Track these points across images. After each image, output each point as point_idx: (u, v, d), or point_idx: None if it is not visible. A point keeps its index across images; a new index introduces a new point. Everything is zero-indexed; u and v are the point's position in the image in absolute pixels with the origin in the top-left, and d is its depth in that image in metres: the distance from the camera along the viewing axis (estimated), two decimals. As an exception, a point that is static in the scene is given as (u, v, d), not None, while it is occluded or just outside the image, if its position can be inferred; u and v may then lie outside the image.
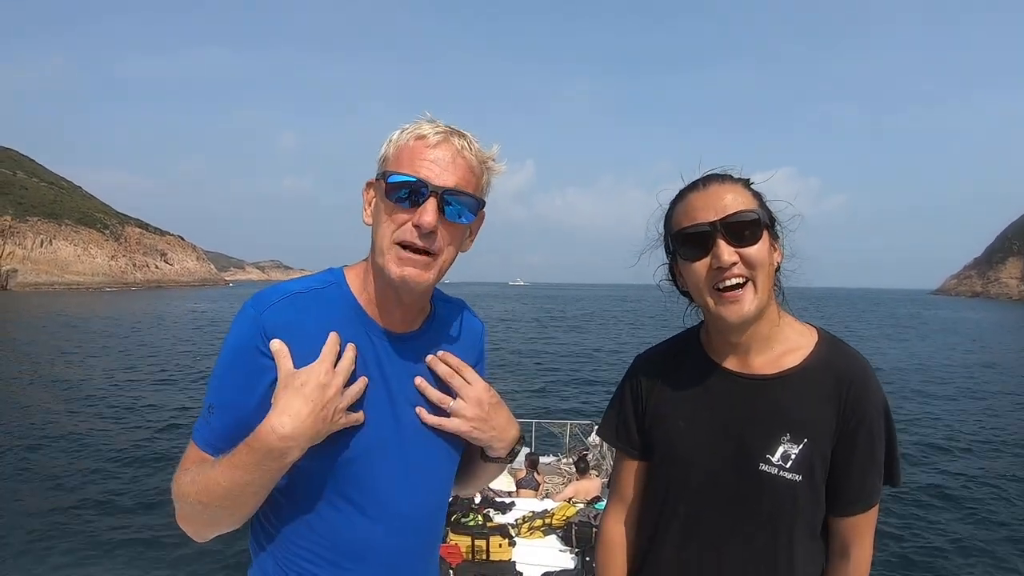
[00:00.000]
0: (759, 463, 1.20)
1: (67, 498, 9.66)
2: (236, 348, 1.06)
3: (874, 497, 1.23)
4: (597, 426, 10.12)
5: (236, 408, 1.05)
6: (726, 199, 1.19)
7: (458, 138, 1.09)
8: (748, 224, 1.17)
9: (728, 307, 1.18)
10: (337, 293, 1.12)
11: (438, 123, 1.10)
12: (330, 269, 1.18)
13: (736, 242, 1.17)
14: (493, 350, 31.09)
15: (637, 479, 1.40)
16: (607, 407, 1.47)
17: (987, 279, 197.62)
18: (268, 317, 1.05)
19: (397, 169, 1.06)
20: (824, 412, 1.20)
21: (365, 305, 1.13)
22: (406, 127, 1.10)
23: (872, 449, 1.21)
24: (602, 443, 9.45)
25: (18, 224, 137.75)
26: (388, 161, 1.09)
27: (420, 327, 1.18)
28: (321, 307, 1.09)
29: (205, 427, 1.08)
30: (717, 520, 1.25)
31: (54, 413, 15.36)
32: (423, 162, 1.06)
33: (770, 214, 1.23)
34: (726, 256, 1.16)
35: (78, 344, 30.38)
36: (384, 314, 1.13)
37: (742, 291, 1.18)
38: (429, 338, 1.19)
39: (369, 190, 1.14)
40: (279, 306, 1.06)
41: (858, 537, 1.24)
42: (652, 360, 1.41)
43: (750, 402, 1.24)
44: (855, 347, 1.30)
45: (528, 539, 5.62)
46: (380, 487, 1.12)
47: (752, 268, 1.17)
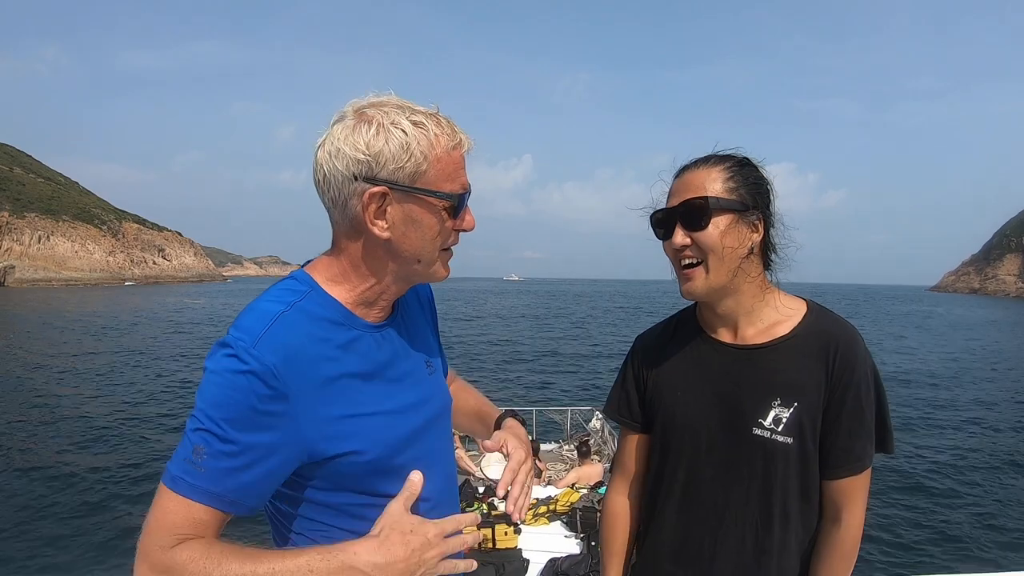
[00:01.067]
0: (752, 427, 1.26)
1: (64, 493, 9.62)
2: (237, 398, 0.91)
3: (864, 461, 1.26)
4: (598, 411, 10.22)
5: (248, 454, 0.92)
6: (693, 183, 1.25)
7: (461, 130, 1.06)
8: (696, 209, 1.23)
9: (683, 283, 1.28)
10: (319, 300, 1.04)
11: (441, 118, 1.02)
12: (293, 276, 1.09)
13: (689, 226, 1.24)
14: (493, 342, 31.16)
15: (639, 451, 1.47)
16: (611, 387, 1.54)
17: (985, 276, 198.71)
18: (264, 350, 0.92)
19: (447, 185, 1.02)
20: (813, 376, 1.24)
21: (352, 307, 1.07)
22: (426, 130, 0.99)
23: (860, 411, 1.24)
24: (603, 428, 9.49)
25: (15, 220, 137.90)
26: (425, 175, 0.99)
27: (392, 312, 1.17)
28: (310, 320, 1.01)
29: (200, 476, 0.90)
30: (714, 483, 1.30)
31: (50, 407, 15.30)
32: (463, 171, 1.05)
33: (746, 196, 1.25)
34: (676, 239, 1.25)
35: (75, 340, 30.32)
36: (370, 311, 1.10)
37: (694, 271, 1.26)
38: (401, 318, 1.19)
39: (379, 200, 0.99)
40: (271, 335, 0.94)
41: (849, 501, 1.27)
42: (651, 337, 1.49)
43: (742, 370, 1.30)
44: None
45: (533, 526, 5.59)
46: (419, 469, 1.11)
47: (702, 251, 1.24)
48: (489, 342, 31.51)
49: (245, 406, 0.91)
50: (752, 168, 1.29)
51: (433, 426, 1.17)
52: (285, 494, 1.04)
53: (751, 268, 1.28)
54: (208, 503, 0.90)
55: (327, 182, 1.00)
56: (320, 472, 1.01)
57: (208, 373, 0.94)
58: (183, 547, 0.89)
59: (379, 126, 0.97)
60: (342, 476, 1.02)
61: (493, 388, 18.16)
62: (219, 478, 0.90)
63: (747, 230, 1.26)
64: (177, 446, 0.93)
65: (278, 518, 1.08)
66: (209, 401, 0.91)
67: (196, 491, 0.90)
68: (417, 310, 1.28)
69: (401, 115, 0.98)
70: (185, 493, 0.90)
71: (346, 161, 0.97)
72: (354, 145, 0.96)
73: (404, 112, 0.99)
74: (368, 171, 0.97)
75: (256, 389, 0.91)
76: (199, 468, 0.90)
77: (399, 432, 1.08)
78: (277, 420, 0.93)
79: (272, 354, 0.93)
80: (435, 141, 0.99)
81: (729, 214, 1.23)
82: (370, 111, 0.99)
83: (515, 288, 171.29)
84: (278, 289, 1.05)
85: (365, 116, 0.98)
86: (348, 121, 0.99)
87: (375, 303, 1.10)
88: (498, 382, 19.88)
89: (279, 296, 1.02)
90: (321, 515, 1.05)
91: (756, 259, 1.29)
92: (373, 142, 0.96)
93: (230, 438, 0.90)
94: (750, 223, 1.26)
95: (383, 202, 0.99)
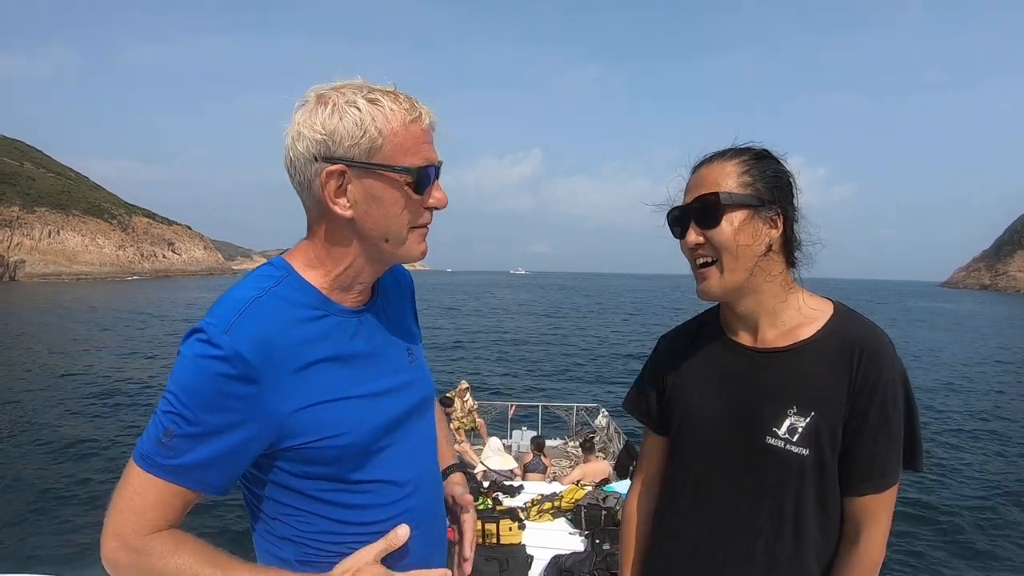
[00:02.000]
0: (766, 436, 1.20)
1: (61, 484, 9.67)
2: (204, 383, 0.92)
3: (888, 478, 1.18)
4: (604, 409, 10.23)
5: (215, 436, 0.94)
6: (708, 179, 1.21)
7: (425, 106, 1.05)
8: (708, 207, 1.19)
9: (699, 283, 1.24)
10: (294, 285, 1.05)
11: (399, 94, 1.02)
12: (271, 263, 1.10)
13: (702, 224, 1.20)
14: (498, 337, 31.17)
15: (658, 453, 1.44)
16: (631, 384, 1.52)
17: (995, 272, 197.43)
18: (236, 336, 0.93)
19: (409, 159, 1.01)
20: (834, 384, 1.17)
21: (328, 291, 1.07)
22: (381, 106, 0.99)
23: (886, 424, 1.16)
24: (608, 425, 9.50)
25: (25, 215, 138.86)
26: (381, 150, 0.99)
27: (371, 298, 1.17)
28: (284, 305, 1.01)
29: (168, 455, 0.93)
30: (726, 490, 1.26)
31: (55, 401, 15.41)
32: (426, 145, 1.04)
33: (763, 191, 1.20)
34: (689, 237, 1.21)
35: (86, 334, 30.54)
36: (344, 295, 1.10)
37: (708, 270, 1.21)
38: (380, 304, 1.19)
39: (337, 178, 1.00)
40: (243, 321, 0.95)
41: (870, 521, 1.19)
42: (673, 338, 1.45)
43: (760, 374, 1.24)
44: None
45: (537, 522, 5.60)
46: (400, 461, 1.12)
47: (716, 250, 1.20)
48: (495, 336, 31.56)
49: (214, 390, 0.92)
50: (770, 161, 1.23)
51: (415, 414, 1.17)
52: (259, 478, 1.04)
53: (771, 266, 1.22)
54: (176, 482, 0.93)
55: (293, 166, 1.02)
56: (292, 457, 1.00)
57: (180, 357, 0.95)
58: (157, 536, 0.93)
59: (334, 105, 0.98)
60: (314, 462, 1.01)
61: (498, 383, 18.18)
62: (187, 459, 0.93)
63: (764, 226, 1.20)
64: (148, 424, 0.96)
65: (254, 503, 1.08)
66: (180, 384, 0.93)
67: (164, 470, 0.93)
68: (397, 296, 1.27)
69: (357, 94, 0.99)
70: (154, 472, 0.93)
71: (306, 143, 0.99)
72: (311, 127, 0.98)
73: (361, 91, 1.00)
74: (326, 150, 0.98)
75: (225, 373, 0.92)
76: (168, 450, 0.92)
77: (374, 419, 1.07)
78: (246, 404, 0.94)
79: (243, 339, 0.94)
80: (390, 116, 1.00)
81: (743, 210, 1.18)
82: (328, 93, 1.01)
83: (521, 282, 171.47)
84: (254, 276, 1.06)
85: (323, 98, 1.00)
86: (308, 105, 1.01)
87: (350, 287, 1.09)
88: (504, 376, 19.91)
89: (255, 282, 1.03)
90: (295, 501, 1.04)
91: (776, 256, 1.23)
92: (328, 121, 0.98)
93: (199, 420, 0.92)
94: (767, 219, 1.20)
95: (342, 180, 1.00)
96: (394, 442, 1.10)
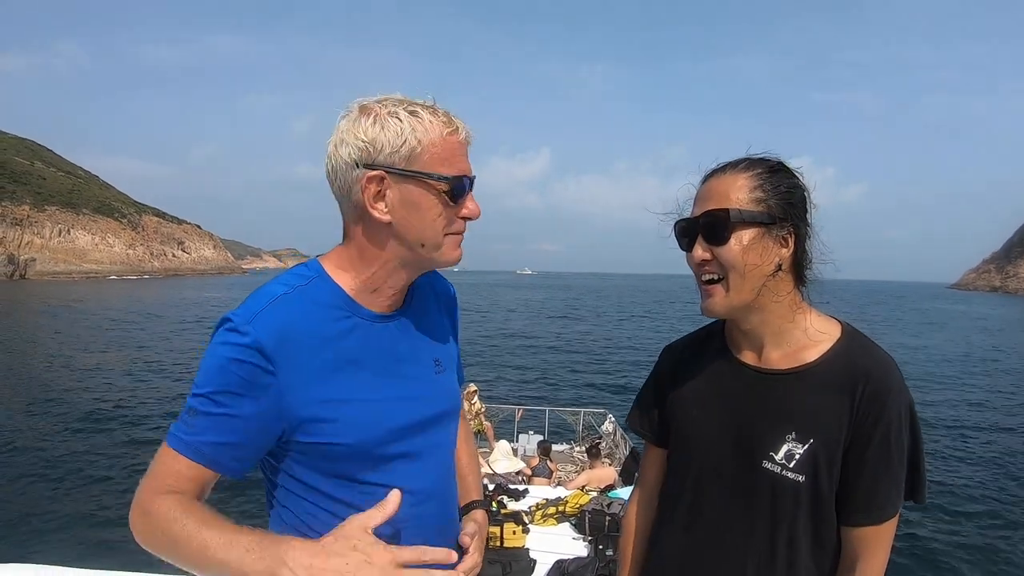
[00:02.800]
0: (762, 460, 1.18)
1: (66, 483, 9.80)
2: (228, 368, 0.99)
3: (887, 510, 1.14)
4: (611, 414, 10.22)
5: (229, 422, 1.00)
6: (717, 191, 1.17)
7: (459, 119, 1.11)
8: (716, 223, 1.15)
9: (703, 299, 1.20)
10: (323, 286, 1.10)
11: (437, 109, 1.08)
12: (305, 263, 1.16)
13: (709, 240, 1.16)
14: (504, 339, 31.15)
15: (658, 465, 1.43)
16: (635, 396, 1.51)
17: (1005, 274, 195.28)
18: (258, 326, 1.00)
19: (445, 168, 1.07)
20: (836, 411, 1.14)
21: (355, 294, 1.12)
22: (420, 118, 1.05)
23: (887, 455, 1.13)
24: (615, 431, 9.47)
25: (36, 214, 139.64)
26: (421, 159, 1.05)
27: (404, 303, 1.20)
28: (310, 304, 1.07)
29: (189, 431, 1.00)
30: (719, 510, 1.25)
31: (66, 400, 15.54)
32: (461, 157, 1.09)
33: (775, 208, 1.15)
34: (696, 253, 1.18)
35: (96, 333, 30.71)
36: (373, 300, 1.13)
37: (714, 287, 1.18)
38: (413, 312, 1.22)
39: (377, 183, 1.05)
40: (268, 313, 1.02)
41: (867, 552, 1.16)
42: (676, 350, 1.43)
43: (760, 396, 1.22)
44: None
45: (541, 526, 5.60)
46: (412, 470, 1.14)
47: (723, 267, 1.16)
48: (501, 339, 31.53)
49: (234, 375, 0.99)
50: (785, 175, 1.18)
51: (433, 425, 1.18)
52: (273, 466, 1.10)
53: (779, 286, 1.18)
54: (191, 457, 1.00)
55: (334, 172, 1.08)
56: (302, 451, 1.06)
57: (210, 344, 1.03)
58: (166, 497, 0.98)
59: (376, 116, 1.05)
60: (322, 458, 1.06)
61: (505, 388, 18.17)
62: (204, 437, 1.00)
63: (774, 245, 1.15)
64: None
65: (269, 489, 1.14)
66: (205, 368, 1.01)
67: (183, 445, 1.00)
68: (435, 309, 1.29)
69: (398, 106, 1.06)
70: (175, 447, 1.00)
71: (348, 150, 1.05)
72: (355, 135, 1.04)
73: (402, 104, 1.06)
74: (367, 157, 1.04)
75: (246, 359, 0.99)
76: (189, 426, 1.00)
77: (385, 423, 1.10)
78: (263, 392, 1.00)
79: (266, 330, 1.00)
80: (429, 127, 1.05)
81: (754, 228, 1.14)
82: (371, 105, 1.07)
83: (528, 282, 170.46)
84: (287, 274, 1.12)
85: (366, 109, 1.06)
86: (352, 115, 1.07)
87: (380, 290, 1.13)
88: (510, 381, 19.89)
89: (285, 280, 1.10)
90: (304, 493, 1.09)
91: (786, 275, 1.19)
92: (370, 130, 1.04)
93: (219, 402, 0.99)
94: (778, 237, 1.16)
95: (382, 186, 1.06)
96: (407, 450, 1.13)
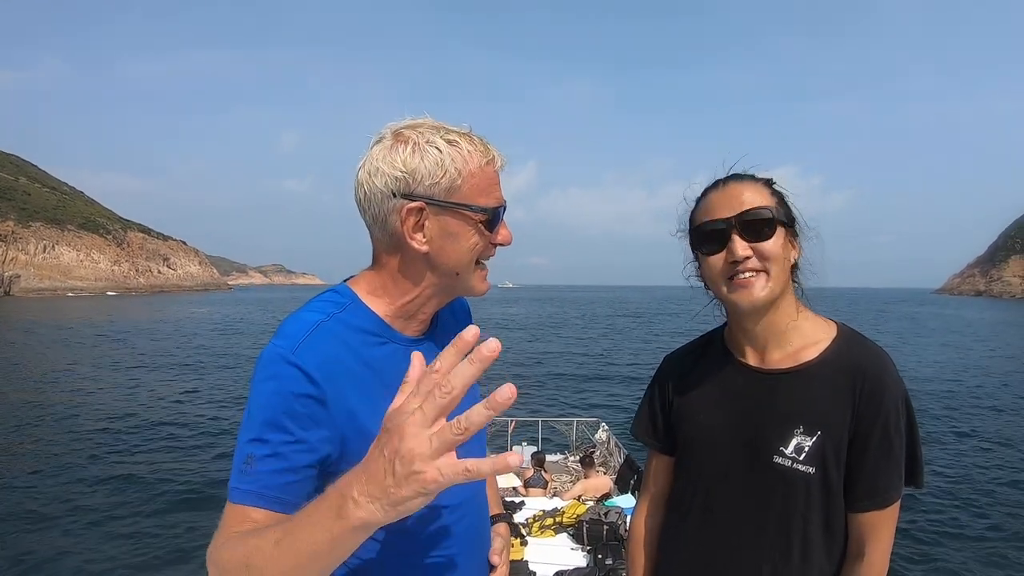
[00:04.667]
0: (773, 455, 1.23)
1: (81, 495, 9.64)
2: (278, 401, 0.96)
3: (890, 494, 1.21)
4: (604, 423, 10.22)
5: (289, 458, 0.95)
6: (743, 196, 1.24)
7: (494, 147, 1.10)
8: (762, 221, 1.22)
9: (740, 292, 1.23)
10: (357, 312, 1.09)
11: (474, 136, 1.07)
12: (334, 288, 1.15)
13: (750, 237, 1.22)
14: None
15: (664, 473, 1.46)
16: (638, 406, 1.52)
17: (990, 277, 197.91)
18: (304, 356, 0.98)
19: (482, 199, 1.06)
20: (839, 405, 1.21)
21: (388, 318, 1.11)
22: (459, 148, 1.04)
23: (888, 444, 1.20)
24: (609, 440, 9.45)
25: (21, 230, 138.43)
26: (460, 190, 1.04)
27: (430, 327, 1.20)
28: (348, 330, 1.06)
29: (248, 480, 0.94)
30: (732, 510, 1.28)
31: (60, 418, 15.34)
32: (497, 186, 1.09)
33: (789, 212, 1.27)
34: (740, 250, 1.21)
35: (82, 351, 30.37)
36: (409, 324, 1.14)
37: (754, 278, 1.22)
38: (439, 333, 1.22)
39: (417, 215, 1.04)
40: (310, 342, 1.00)
41: (873, 536, 1.23)
42: (677, 358, 1.47)
43: (765, 395, 1.27)
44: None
45: (539, 538, 5.59)
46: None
47: (765, 260, 1.22)
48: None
49: (286, 409, 0.95)
50: (779, 189, 1.30)
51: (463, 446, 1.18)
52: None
53: (789, 285, 1.29)
54: (258, 504, 0.93)
55: (368, 200, 1.05)
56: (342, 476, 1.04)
57: (254, 383, 0.99)
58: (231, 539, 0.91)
59: (415, 145, 1.02)
60: None
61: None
62: (267, 480, 0.94)
63: (790, 246, 1.26)
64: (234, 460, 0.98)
65: None
66: (255, 408, 0.96)
67: (247, 496, 0.94)
68: (454, 329, 1.27)
69: (436, 135, 1.03)
70: (238, 500, 0.94)
71: (384, 179, 1.02)
72: (392, 164, 1.02)
73: (439, 132, 1.04)
74: (405, 187, 1.02)
75: (296, 390, 0.96)
76: (248, 475, 0.94)
77: None
78: (316, 422, 0.97)
79: (311, 360, 0.97)
80: (468, 158, 1.04)
81: (782, 227, 1.24)
82: (407, 132, 1.04)
83: (510, 295, 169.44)
84: (319, 301, 1.10)
85: (402, 136, 1.04)
86: (386, 142, 1.04)
87: (414, 316, 1.13)
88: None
89: (320, 307, 1.07)
90: None
91: (791, 276, 1.30)
92: (409, 160, 1.01)
93: (274, 440, 0.94)
94: (791, 239, 1.27)
95: (420, 217, 1.04)
96: None
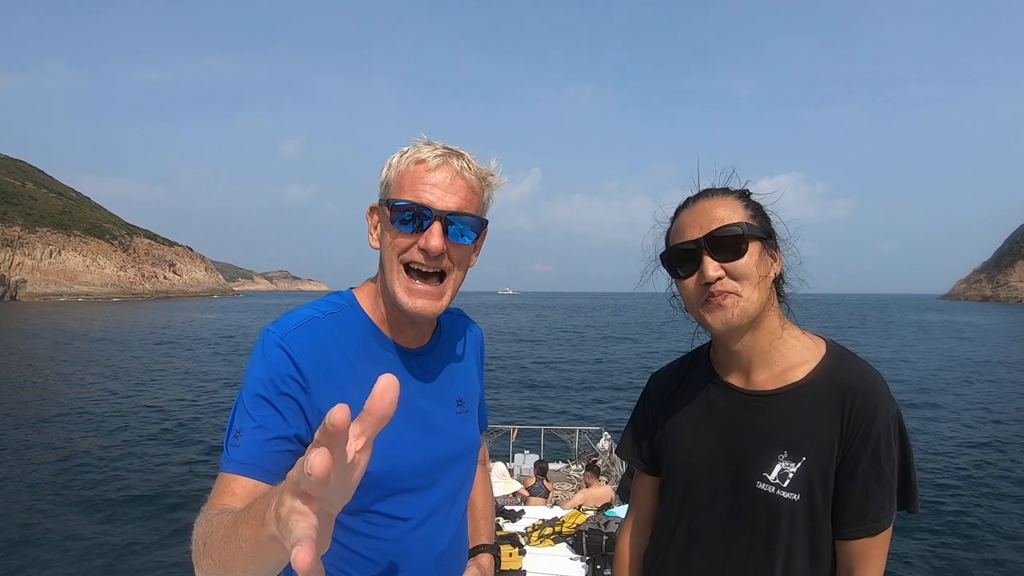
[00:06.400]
0: (756, 481, 1.19)
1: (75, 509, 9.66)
2: (265, 378, 1.02)
3: (880, 522, 1.15)
4: (607, 432, 10.19)
5: (272, 430, 1.01)
6: (714, 213, 1.20)
7: (456, 159, 1.10)
8: (731, 239, 1.17)
9: (714, 314, 1.19)
10: (352, 315, 1.14)
11: (436, 145, 1.11)
12: (339, 292, 1.20)
13: (721, 257, 1.17)
14: (498, 359, 31.06)
15: (649, 494, 1.43)
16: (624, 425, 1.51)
17: (996, 283, 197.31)
18: (292, 343, 1.05)
19: (399, 195, 1.09)
20: (825, 429, 1.16)
21: (380, 325, 1.15)
22: (405, 150, 1.12)
23: (878, 469, 1.14)
24: (611, 449, 9.42)
25: (27, 235, 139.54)
26: (390, 187, 1.11)
27: (429, 341, 1.22)
28: (338, 330, 1.11)
29: (235, 450, 0.99)
30: (716, 535, 1.25)
31: (67, 421, 15.39)
32: (424, 186, 1.08)
33: (766, 225, 1.22)
34: (710, 271, 1.17)
35: (85, 356, 30.47)
36: (398, 333, 1.16)
37: (728, 299, 1.17)
38: (440, 350, 1.24)
39: (373, 214, 1.16)
40: (300, 332, 1.07)
41: (862, 564, 1.17)
42: (663, 377, 1.44)
43: (750, 418, 1.23)
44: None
45: (538, 547, 5.50)
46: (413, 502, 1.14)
47: (737, 280, 1.17)
48: (490, 359, 31.41)
49: (273, 386, 1.02)
50: (755, 199, 1.25)
51: (448, 464, 1.19)
52: None
53: (772, 300, 1.23)
54: (245, 473, 0.98)
55: None
56: None
57: (248, 363, 1.07)
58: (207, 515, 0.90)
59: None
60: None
61: (499, 408, 18.06)
62: (253, 449, 0.99)
63: (769, 260, 1.21)
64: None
65: None
66: (246, 383, 1.04)
67: (234, 464, 0.99)
68: (463, 351, 1.31)
69: (407, 146, 1.13)
70: (227, 468, 1.00)
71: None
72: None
73: (414, 144, 1.13)
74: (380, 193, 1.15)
75: (281, 371, 1.03)
76: (237, 446, 1.00)
77: (403, 457, 1.11)
78: (297, 404, 1.03)
79: (297, 347, 1.04)
80: (404, 157, 1.11)
81: (757, 241, 1.19)
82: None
83: (510, 302, 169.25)
84: (321, 301, 1.16)
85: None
86: None
87: (401, 326, 1.16)
88: (504, 401, 19.79)
89: (318, 306, 1.14)
90: None
91: (773, 292, 1.24)
92: (383, 171, 1.14)
93: (261, 414, 1.01)
94: (771, 253, 1.21)
95: (375, 216, 1.15)
96: (419, 484, 1.14)
